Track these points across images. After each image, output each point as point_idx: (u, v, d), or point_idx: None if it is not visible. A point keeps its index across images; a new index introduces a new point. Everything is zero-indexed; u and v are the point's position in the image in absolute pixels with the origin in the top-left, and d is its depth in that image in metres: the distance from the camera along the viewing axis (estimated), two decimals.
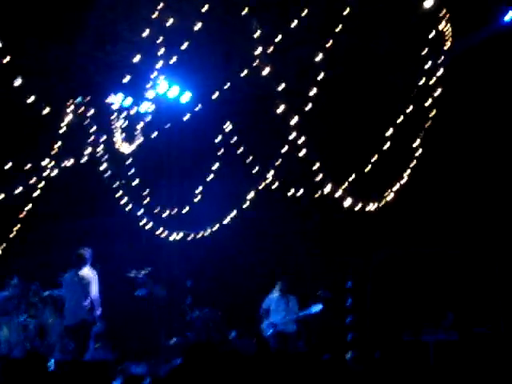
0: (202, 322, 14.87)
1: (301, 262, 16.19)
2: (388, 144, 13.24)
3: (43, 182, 13.72)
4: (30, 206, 13.97)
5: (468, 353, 12.73)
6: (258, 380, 3.71)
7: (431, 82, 12.97)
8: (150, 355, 14.47)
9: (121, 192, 14.66)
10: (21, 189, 13.37)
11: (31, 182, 13.52)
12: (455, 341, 13.34)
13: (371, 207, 13.56)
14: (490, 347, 12.81)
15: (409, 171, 13.67)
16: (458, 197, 14.53)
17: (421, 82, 12.99)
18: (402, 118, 13.18)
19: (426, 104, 13.16)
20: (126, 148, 14.47)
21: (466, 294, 14.65)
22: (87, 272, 11.88)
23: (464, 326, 13.66)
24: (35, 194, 13.84)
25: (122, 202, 14.71)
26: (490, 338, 13.27)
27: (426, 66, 12.82)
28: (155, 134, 14.97)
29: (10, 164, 13.24)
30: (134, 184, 14.98)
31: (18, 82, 12.31)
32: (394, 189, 13.73)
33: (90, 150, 14.11)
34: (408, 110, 13.12)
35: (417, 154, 13.63)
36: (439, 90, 13.00)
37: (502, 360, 11.73)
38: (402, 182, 13.77)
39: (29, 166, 13.47)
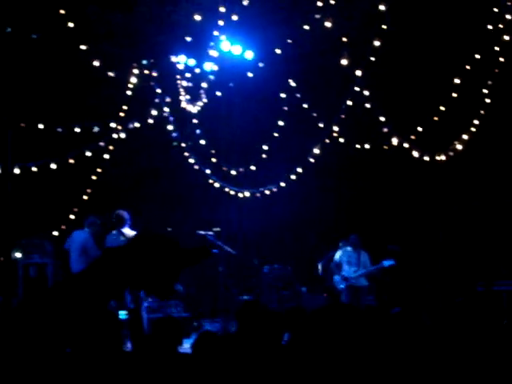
0: (273, 278, 15.00)
1: (370, 216, 16.12)
2: (455, 93, 12.99)
3: (112, 145, 13.91)
4: (100, 169, 14.19)
5: None
6: (324, 335, 3.71)
7: (500, 27, 12.63)
8: (223, 313, 14.69)
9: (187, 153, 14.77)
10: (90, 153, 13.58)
11: (100, 144, 13.71)
12: None
13: (440, 158, 13.36)
14: None
15: (477, 121, 13.39)
16: None
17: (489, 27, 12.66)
18: (469, 65, 12.89)
19: (495, 50, 12.84)
20: (191, 108, 14.53)
21: None
22: (130, 231, 11.85)
23: None
24: (105, 157, 14.07)
25: (190, 162, 14.84)
26: None
27: (494, 10, 12.48)
28: (219, 93, 15.01)
29: (78, 128, 13.46)
30: (200, 144, 15.09)
31: (83, 46, 12.47)
32: (463, 139, 13.48)
33: (156, 111, 14.22)
34: (476, 57, 12.83)
35: (486, 102, 13.33)
36: (508, 37, 12.65)
37: None
38: (471, 131, 13.50)
39: (97, 129, 13.67)
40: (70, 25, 11.93)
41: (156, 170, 16.47)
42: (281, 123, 14.68)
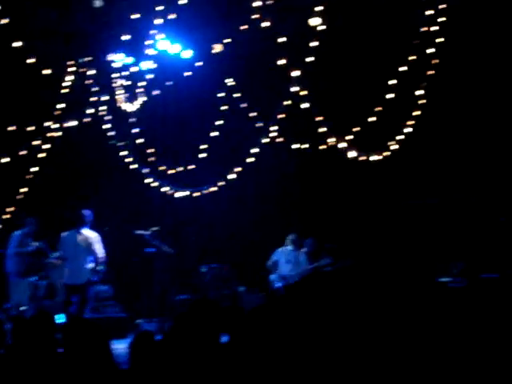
0: (211, 277, 14.99)
1: (308, 216, 16.22)
2: (391, 94, 13.16)
3: (47, 144, 13.70)
4: (36, 168, 13.96)
5: (476, 299, 12.76)
6: (263, 333, 3.74)
7: (433, 29, 12.83)
8: (160, 312, 14.62)
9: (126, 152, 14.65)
10: (25, 151, 13.35)
11: (35, 143, 13.49)
12: (463, 287, 13.37)
13: (375, 158, 13.52)
14: (498, 293, 12.85)
15: (412, 121, 13.60)
16: (462, 145, 14.46)
17: (423, 30, 12.87)
18: (404, 67, 13.07)
19: (429, 52, 13.04)
20: (129, 107, 14.43)
21: (476, 242, 14.59)
22: (89, 232, 11.91)
23: (473, 273, 13.68)
24: (40, 156, 13.84)
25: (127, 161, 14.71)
26: (498, 283, 13.28)
27: (428, 13, 12.67)
28: (157, 92, 14.92)
29: (13, 127, 13.22)
30: (138, 143, 14.97)
31: (17, 43, 12.25)
32: (398, 139, 13.67)
33: (92, 110, 14.06)
34: (410, 59, 13.02)
35: (420, 103, 13.54)
36: (442, 38, 12.87)
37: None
38: (406, 131, 13.70)
39: (32, 127, 13.45)
40: (4, 21, 11.73)
41: (93, 170, 16.28)
42: (219, 122, 14.66)
